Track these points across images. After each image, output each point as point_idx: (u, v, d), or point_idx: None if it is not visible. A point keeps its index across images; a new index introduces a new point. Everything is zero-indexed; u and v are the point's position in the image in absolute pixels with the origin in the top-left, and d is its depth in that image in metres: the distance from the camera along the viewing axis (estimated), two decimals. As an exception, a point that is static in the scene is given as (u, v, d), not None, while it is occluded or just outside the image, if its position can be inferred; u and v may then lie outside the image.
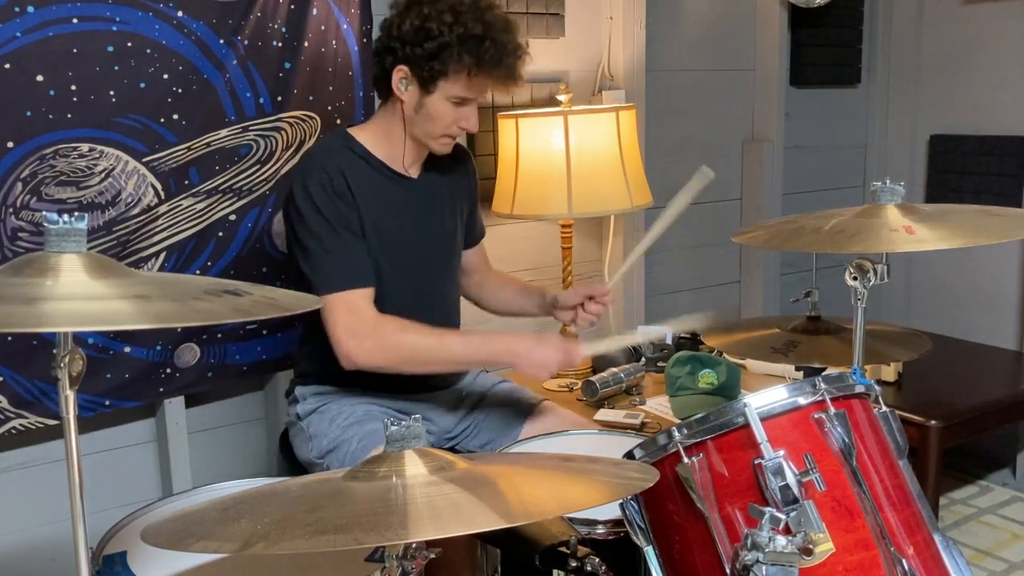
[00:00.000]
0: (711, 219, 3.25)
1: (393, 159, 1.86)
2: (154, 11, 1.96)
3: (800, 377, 2.08)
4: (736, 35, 3.22)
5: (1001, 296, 3.23)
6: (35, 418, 1.99)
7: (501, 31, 1.72)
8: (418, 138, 1.83)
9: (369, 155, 1.83)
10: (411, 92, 1.77)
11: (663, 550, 1.26)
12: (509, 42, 1.74)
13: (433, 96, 1.75)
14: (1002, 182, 3.18)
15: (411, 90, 1.77)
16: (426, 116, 1.78)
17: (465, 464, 1.07)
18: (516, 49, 1.75)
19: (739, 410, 1.17)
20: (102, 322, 0.92)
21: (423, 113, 1.77)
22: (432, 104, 1.76)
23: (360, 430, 1.83)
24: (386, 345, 1.75)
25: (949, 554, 1.24)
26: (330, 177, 1.75)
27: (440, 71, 1.72)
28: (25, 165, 1.87)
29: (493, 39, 1.71)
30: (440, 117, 1.77)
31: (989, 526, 2.91)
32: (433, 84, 1.74)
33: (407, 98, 1.78)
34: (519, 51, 1.76)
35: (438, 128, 1.79)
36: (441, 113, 1.76)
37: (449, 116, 1.77)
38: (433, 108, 1.76)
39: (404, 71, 1.75)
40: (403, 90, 1.77)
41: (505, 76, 1.75)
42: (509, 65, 1.74)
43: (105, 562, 1.30)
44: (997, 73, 3.22)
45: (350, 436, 1.82)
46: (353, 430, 1.83)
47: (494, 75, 1.74)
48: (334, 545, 0.88)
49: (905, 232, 1.48)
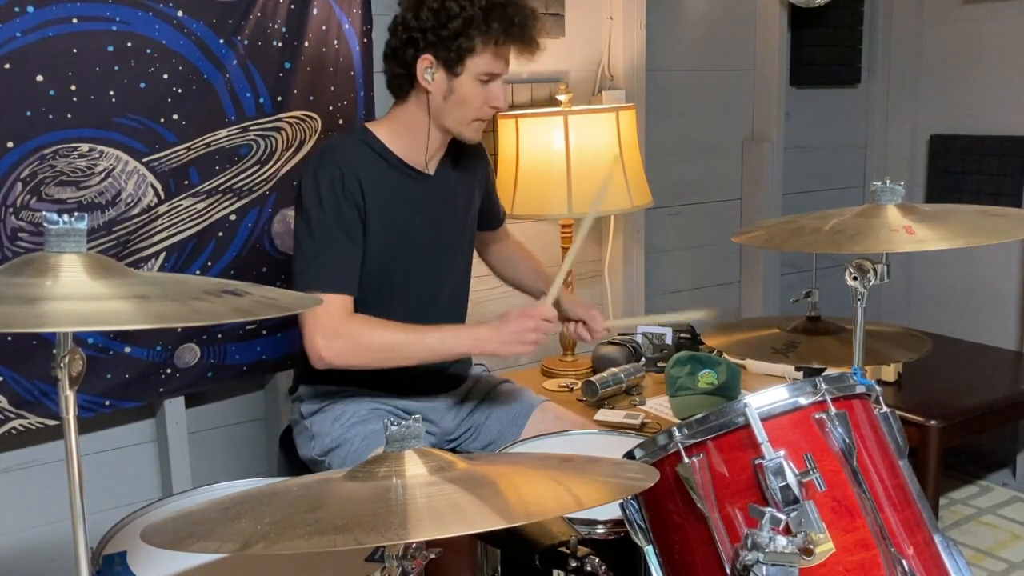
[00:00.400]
0: (711, 219, 3.26)
1: (412, 155, 1.85)
2: (154, 11, 1.96)
3: (800, 377, 2.08)
4: (736, 35, 3.22)
5: (1001, 296, 3.23)
6: (35, 418, 1.99)
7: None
8: (449, 128, 1.82)
9: (387, 151, 1.83)
10: (438, 79, 1.77)
11: (663, 550, 1.26)
12: (526, 6, 1.78)
13: (462, 78, 1.76)
14: (1002, 182, 3.18)
15: (438, 77, 1.77)
16: (456, 101, 1.78)
17: (465, 464, 1.07)
18: (534, 12, 1.79)
19: (739, 410, 1.17)
20: (102, 322, 0.92)
21: (453, 99, 1.78)
22: (462, 86, 1.76)
23: (363, 429, 1.83)
24: (359, 344, 1.75)
25: (949, 554, 1.24)
26: (343, 174, 1.75)
27: (468, 48, 1.73)
28: (25, 165, 1.87)
29: (514, 3, 1.75)
30: (471, 99, 1.78)
31: (989, 526, 2.91)
32: (460, 65, 1.75)
33: (435, 87, 1.77)
34: (536, 15, 1.80)
35: (471, 111, 1.79)
36: (472, 94, 1.77)
37: (479, 97, 1.78)
38: (464, 90, 1.77)
39: (429, 59, 1.75)
40: (430, 80, 1.77)
41: (530, 41, 1.78)
42: (532, 28, 1.77)
43: (105, 562, 1.30)
44: (997, 73, 3.22)
45: (353, 435, 1.83)
46: (356, 429, 1.84)
47: (522, 40, 1.76)
48: (334, 545, 0.88)
49: (905, 232, 1.48)
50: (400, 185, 1.83)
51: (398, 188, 1.83)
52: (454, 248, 1.96)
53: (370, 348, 1.76)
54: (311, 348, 1.73)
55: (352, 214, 1.76)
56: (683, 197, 3.18)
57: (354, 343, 1.74)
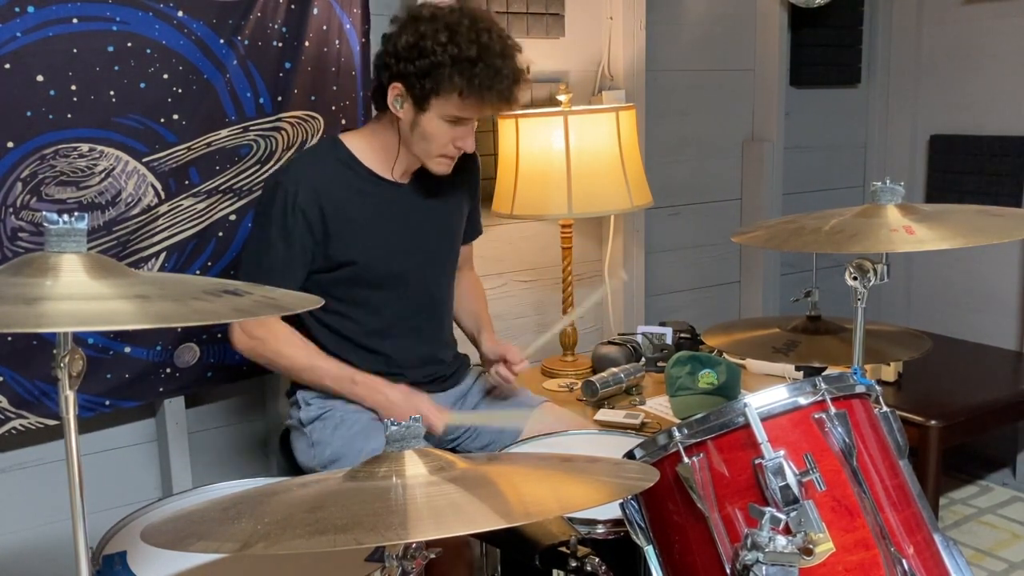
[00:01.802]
0: (711, 219, 3.26)
1: (381, 166, 1.86)
2: (154, 11, 1.96)
3: (800, 377, 2.08)
4: (736, 35, 3.22)
5: (1001, 296, 3.23)
6: (35, 418, 1.99)
7: (496, 56, 1.70)
8: (416, 155, 1.83)
9: (355, 162, 1.84)
10: (406, 109, 1.77)
11: (663, 550, 1.26)
12: (504, 67, 1.71)
13: (427, 114, 1.75)
14: (1002, 182, 3.18)
15: (406, 107, 1.76)
16: (421, 135, 1.77)
17: (465, 464, 1.08)
18: (512, 74, 1.73)
19: (739, 410, 1.17)
20: (102, 322, 0.92)
21: (418, 132, 1.77)
22: (426, 122, 1.75)
23: (365, 445, 1.80)
24: (265, 350, 1.85)
25: (949, 554, 1.24)
26: (297, 191, 1.77)
27: (432, 89, 1.71)
28: (25, 165, 1.87)
29: (486, 63, 1.69)
30: (435, 136, 1.76)
31: (989, 526, 2.91)
32: (427, 102, 1.73)
33: (403, 115, 1.77)
34: (515, 75, 1.74)
35: (434, 147, 1.78)
36: (436, 132, 1.76)
37: (444, 135, 1.76)
38: (428, 126, 1.75)
39: (399, 88, 1.75)
40: (398, 108, 1.77)
41: (497, 100, 1.73)
42: (501, 90, 1.72)
43: (105, 562, 1.30)
44: (997, 73, 3.22)
45: (355, 451, 1.80)
46: (358, 444, 1.81)
47: (485, 98, 1.72)
48: (334, 545, 0.88)
49: (905, 232, 1.48)
50: (367, 195, 1.84)
51: (365, 198, 1.84)
52: (434, 256, 1.96)
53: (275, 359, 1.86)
54: (231, 333, 1.86)
55: (297, 227, 1.78)
56: (683, 197, 3.18)
57: (263, 348, 1.84)
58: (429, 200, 1.92)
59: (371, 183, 1.84)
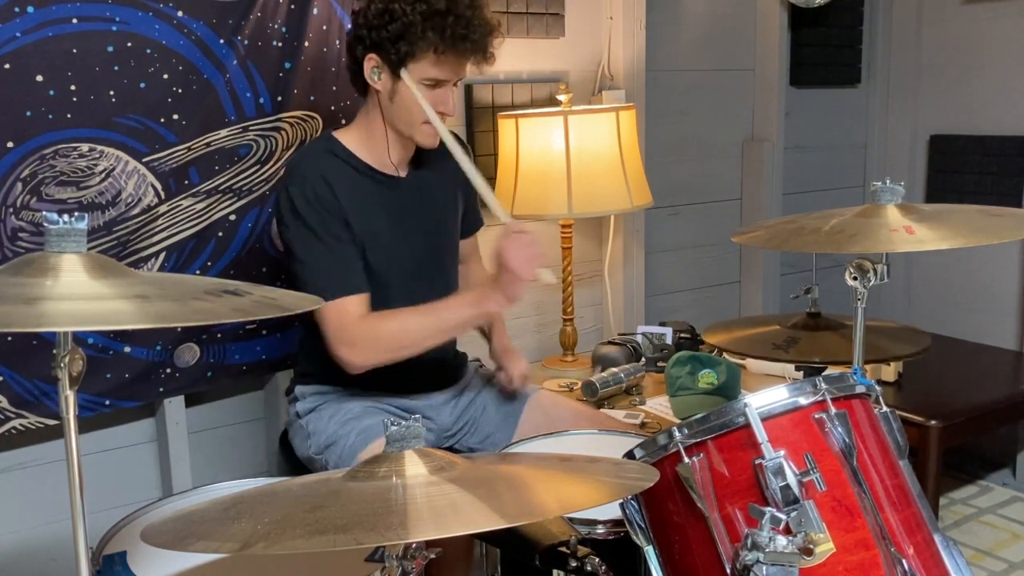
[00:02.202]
0: (711, 219, 3.26)
1: (379, 159, 1.85)
2: (154, 11, 1.96)
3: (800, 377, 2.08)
4: (736, 35, 3.22)
5: (1001, 296, 3.23)
6: (35, 418, 1.99)
7: (466, 6, 1.70)
8: (400, 130, 1.80)
9: (353, 157, 1.83)
10: (384, 80, 1.75)
11: (663, 550, 1.26)
12: (475, 17, 1.71)
13: (405, 81, 1.73)
14: (1002, 182, 3.18)
15: (383, 78, 1.75)
16: (401, 104, 1.75)
17: (465, 464, 1.08)
18: (483, 24, 1.72)
19: (739, 410, 1.17)
20: (102, 322, 0.92)
21: (398, 101, 1.75)
22: (404, 90, 1.73)
23: (358, 425, 1.83)
24: (376, 342, 1.75)
25: (949, 554, 1.24)
26: (312, 185, 1.75)
27: (408, 52, 1.70)
28: (25, 165, 1.87)
29: (457, 15, 1.68)
30: (414, 103, 1.74)
31: (989, 526, 2.91)
32: (403, 66, 1.72)
33: (381, 87, 1.76)
34: (486, 26, 1.73)
35: (417, 114, 1.76)
36: (415, 98, 1.73)
37: (425, 100, 1.74)
38: (407, 94, 1.73)
39: (375, 59, 1.74)
40: (376, 80, 1.75)
41: (472, 51, 1.72)
42: (475, 40, 1.71)
43: (105, 562, 1.30)
44: (997, 73, 3.22)
45: (347, 431, 1.83)
46: (351, 425, 1.84)
47: (460, 51, 1.71)
48: (334, 545, 0.88)
49: (905, 232, 1.48)
50: (370, 190, 1.83)
51: (368, 193, 1.83)
52: (436, 249, 1.95)
53: (387, 340, 1.75)
54: (339, 359, 1.75)
55: (331, 219, 1.76)
56: (683, 197, 3.18)
57: (372, 343, 1.75)
58: (427, 193, 1.92)
59: (370, 178, 1.84)
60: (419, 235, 1.90)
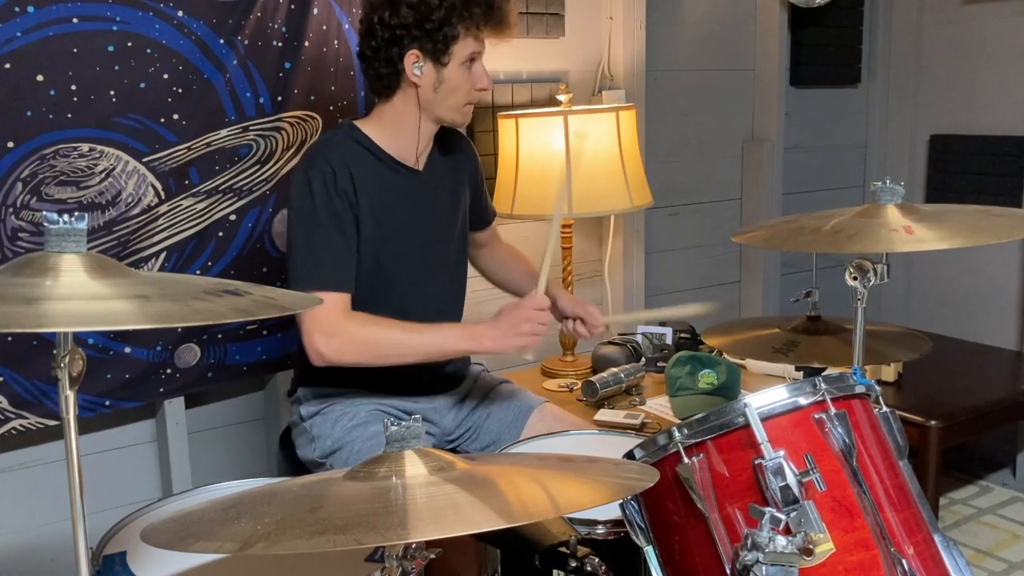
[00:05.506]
0: (711, 219, 3.26)
1: (402, 151, 1.85)
2: (154, 11, 1.96)
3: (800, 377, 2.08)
4: (736, 35, 3.22)
5: (1001, 296, 3.23)
6: (35, 418, 1.99)
7: None
8: (442, 116, 1.84)
9: (377, 148, 1.83)
10: (427, 72, 1.77)
11: (663, 550, 1.26)
12: None
13: (450, 66, 1.77)
14: (1002, 182, 3.18)
15: (426, 70, 1.77)
16: (447, 90, 1.79)
17: (465, 464, 1.07)
18: None
19: (739, 410, 1.17)
20: (102, 322, 0.92)
21: (444, 88, 1.79)
22: (451, 74, 1.78)
23: (364, 432, 1.83)
24: (355, 341, 1.75)
25: (949, 554, 1.24)
26: (334, 171, 1.75)
27: (452, 36, 1.75)
28: (25, 165, 1.87)
29: None
30: (460, 84, 1.80)
31: (989, 526, 2.91)
32: (447, 54, 1.76)
33: (424, 80, 1.78)
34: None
35: (462, 96, 1.82)
36: (461, 80, 1.79)
37: (467, 81, 1.80)
38: (453, 77, 1.78)
39: (416, 54, 1.76)
40: (419, 74, 1.77)
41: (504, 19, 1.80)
42: (504, 7, 1.79)
43: (105, 562, 1.30)
44: (997, 73, 3.22)
45: (354, 438, 1.82)
46: (357, 432, 1.83)
47: (500, 21, 1.78)
48: (334, 545, 0.88)
49: (905, 232, 1.48)
50: (390, 181, 1.84)
51: (389, 184, 1.83)
52: (446, 244, 1.96)
53: (367, 345, 1.76)
54: (310, 346, 1.73)
55: (345, 211, 1.76)
56: (683, 197, 3.18)
57: (351, 340, 1.74)
58: (440, 186, 1.93)
59: (391, 169, 1.85)
60: (431, 227, 1.90)
